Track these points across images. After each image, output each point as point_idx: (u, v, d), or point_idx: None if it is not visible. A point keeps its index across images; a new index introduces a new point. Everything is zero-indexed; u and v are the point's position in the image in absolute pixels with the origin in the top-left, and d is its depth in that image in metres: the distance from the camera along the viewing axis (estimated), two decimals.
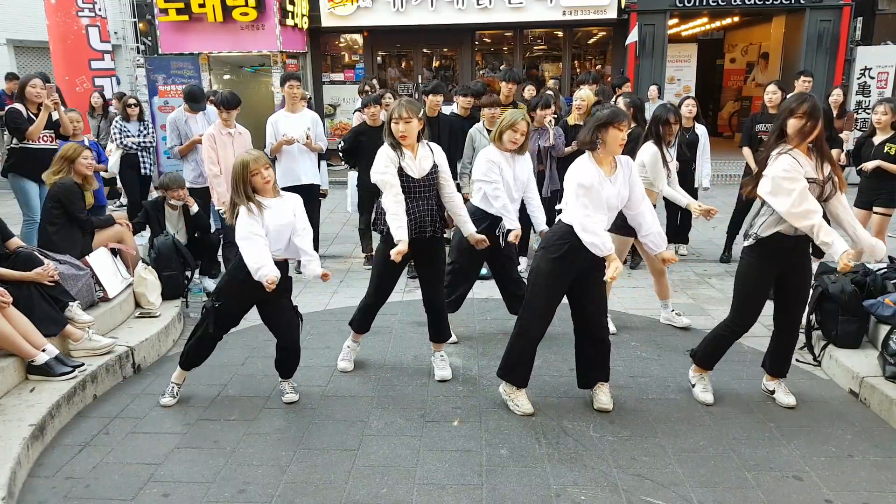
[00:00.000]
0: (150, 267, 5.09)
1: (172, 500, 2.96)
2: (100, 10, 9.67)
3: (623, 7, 11.62)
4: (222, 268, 6.17)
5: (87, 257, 4.70)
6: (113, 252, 5.02)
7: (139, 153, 7.50)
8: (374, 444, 3.39)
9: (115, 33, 11.70)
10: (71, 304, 4.17)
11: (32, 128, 5.56)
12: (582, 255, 3.38)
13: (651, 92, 9.16)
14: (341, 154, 6.55)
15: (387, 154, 3.73)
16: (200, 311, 3.76)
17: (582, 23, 12.45)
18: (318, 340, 4.68)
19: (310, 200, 5.48)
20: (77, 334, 4.04)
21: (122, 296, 4.80)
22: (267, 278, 3.36)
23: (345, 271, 6.52)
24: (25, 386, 3.71)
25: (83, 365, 3.90)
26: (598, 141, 3.36)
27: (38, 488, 3.06)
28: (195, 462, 3.25)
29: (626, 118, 3.37)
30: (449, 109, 7.21)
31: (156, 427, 3.59)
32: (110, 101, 9.43)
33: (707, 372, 3.85)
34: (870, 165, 5.49)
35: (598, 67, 13.15)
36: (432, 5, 11.88)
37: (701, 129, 6.44)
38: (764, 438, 3.41)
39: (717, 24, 14.43)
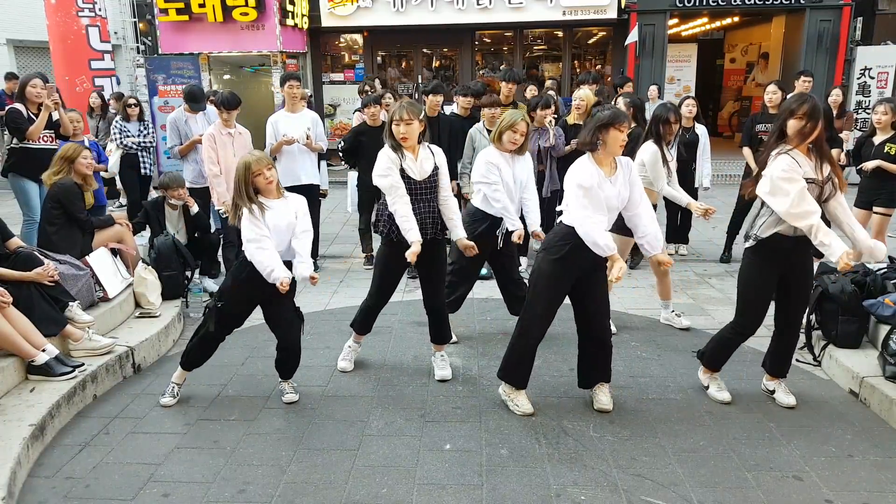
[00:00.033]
0: (150, 267, 5.09)
1: (172, 500, 2.96)
2: (100, 10, 9.67)
3: (623, 7, 11.62)
4: (222, 268, 6.18)
5: (87, 257, 4.70)
6: (113, 252, 5.03)
7: (139, 153, 7.50)
8: (374, 444, 3.39)
9: (115, 33, 11.70)
10: (71, 304, 4.18)
11: (33, 128, 5.56)
12: (583, 256, 3.38)
13: (651, 92, 9.16)
14: (341, 154, 6.56)
15: (388, 156, 3.73)
16: (203, 311, 3.77)
17: (582, 23, 12.45)
18: (318, 340, 4.68)
19: (310, 201, 5.44)
20: (77, 334, 4.04)
21: (122, 296, 4.80)
22: (279, 280, 3.38)
23: (345, 271, 6.52)
24: (25, 386, 3.71)
25: (83, 365, 3.90)
26: (599, 142, 3.36)
27: (38, 488, 3.06)
28: (195, 462, 3.25)
29: (626, 119, 3.38)
30: (449, 109, 7.22)
31: (156, 427, 3.59)
32: (109, 102, 9.43)
33: (716, 373, 3.86)
34: (870, 165, 5.49)
35: (598, 67, 13.15)
36: (432, 5, 11.88)
37: (701, 129, 6.44)
38: (764, 438, 3.41)
39: (717, 24, 14.43)
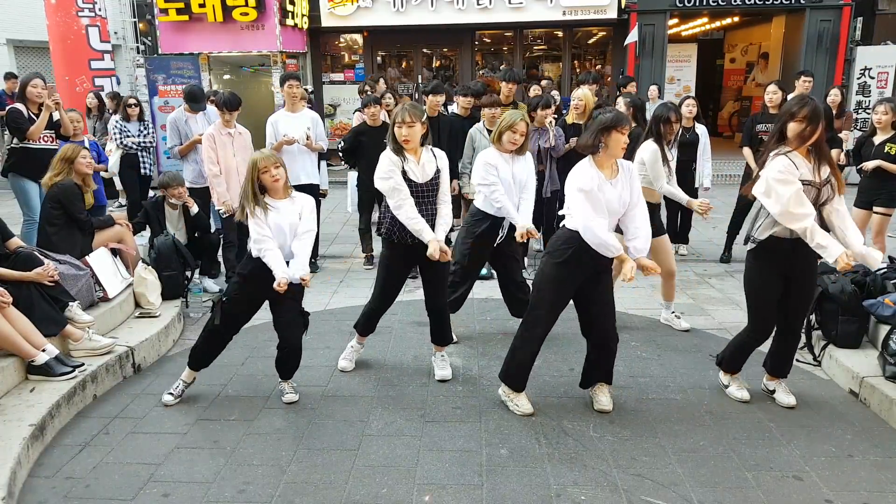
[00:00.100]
0: (150, 267, 5.09)
1: (172, 500, 2.96)
2: (100, 10, 9.67)
3: (623, 7, 11.62)
4: (222, 268, 6.18)
5: (87, 257, 4.70)
6: (113, 252, 5.03)
7: (139, 153, 7.50)
8: (374, 444, 3.39)
9: (115, 33, 11.70)
10: (71, 304, 4.17)
11: (33, 128, 5.56)
12: (587, 259, 3.37)
13: (651, 92, 9.15)
14: (341, 154, 6.56)
15: (390, 159, 3.72)
16: (210, 307, 3.80)
17: (582, 23, 12.45)
18: (318, 340, 4.68)
19: None
20: (77, 334, 4.04)
21: (122, 296, 4.80)
22: (277, 281, 3.42)
23: (345, 271, 6.52)
24: (25, 386, 3.71)
25: (83, 365, 3.90)
26: (601, 145, 3.35)
27: (38, 488, 3.06)
28: (195, 462, 3.25)
29: (627, 122, 3.37)
30: (449, 109, 7.22)
31: (156, 427, 3.59)
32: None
33: (736, 374, 3.85)
34: (870, 165, 5.49)
35: (598, 67, 13.15)
36: (432, 5, 11.88)
37: (701, 128, 6.44)
38: (764, 438, 3.41)
39: (717, 24, 14.43)
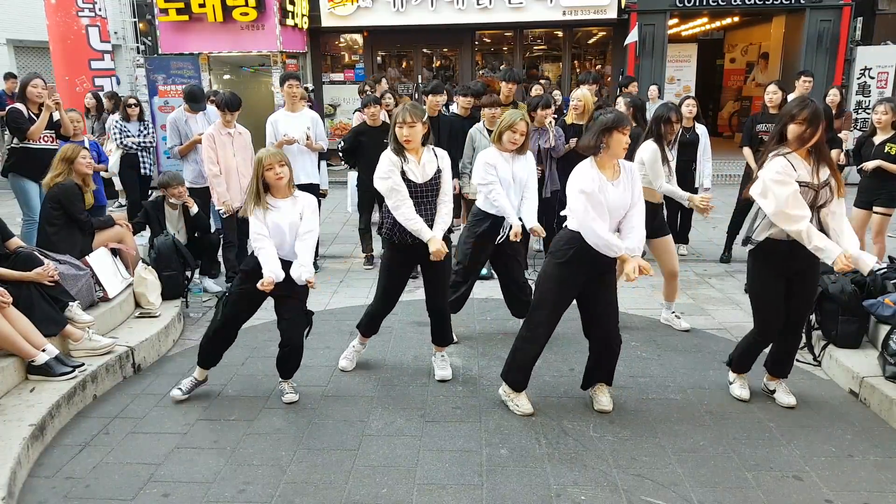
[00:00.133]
0: (150, 267, 5.09)
1: (172, 500, 2.96)
2: (100, 10, 9.66)
3: (623, 7, 11.62)
4: (222, 268, 6.18)
5: (86, 257, 4.70)
6: (113, 252, 5.03)
7: (139, 153, 7.50)
8: (374, 444, 3.39)
9: (115, 33, 11.69)
10: (71, 304, 4.17)
11: (33, 128, 5.56)
12: (588, 259, 3.37)
13: (651, 92, 9.15)
14: (341, 154, 6.56)
15: (389, 159, 3.71)
16: (215, 306, 3.84)
17: (582, 23, 12.45)
18: (318, 340, 4.67)
19: None
20: (77, 334, 4.04)
21: (122, 296, 4.80)
22: (264, 278, 3.43)
23: (345, 271, 6.52)
24: (25, 386, 3.71)
25: (83, 365, 3.90)
26: (602, 145, 3.35)
27: (38, 488, 3.06)
28: (195, 462, 3.25)
29: (628, 122, 3.37)
30: (450, 109, 7.22)
31: (156, 427, 3.59)
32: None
33: (744, 373, 3.86)
34: (870, 165, 5.49)
35: (598, 67, 13.16)
36: (432, 5, 11.88)
37: (701, 128, 6.44)
38: (764, 438, 3.41)
39: (717, 24, 14.43)
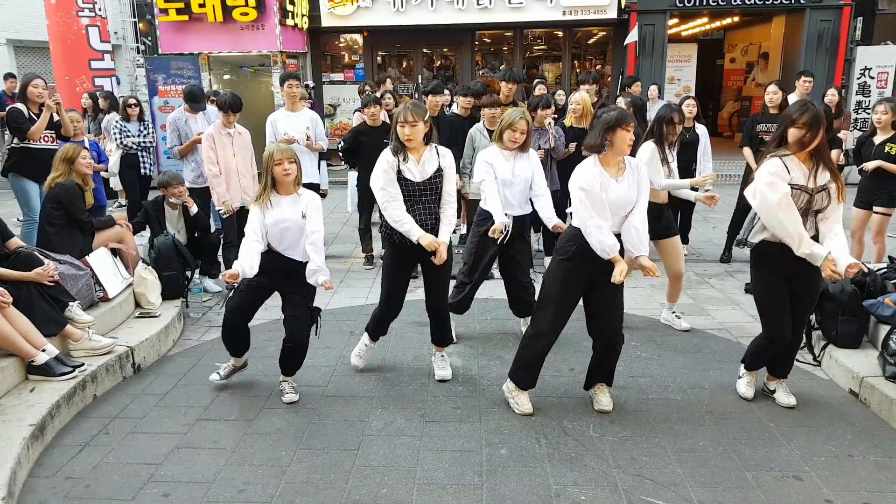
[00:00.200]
0: (150, 267, 5.09)
1: (172, 500, 2.96)
2: (100, 10, 9.67)
3: (623, 7, 11.62)
4: (222, 268, 6.17)
5: (87, 257, 4.70)
6: (113, 252, 5.03)
7: (139, 153, 7.50)
8: (374, 444, 3.39)
9: (115, 33, 11.69)
10: (71, 304, 4.17)
11: (34, 128, 5.56)
12: (592, 257, 3.37)
13: (651, 92, 9.15)
14: (341, 154, 6.56)
15: (387, 160, 3.70)
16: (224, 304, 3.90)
17: (582, 23, 12.45)
18: (318, 340, 4.66)
19: None
20: (77, 334, 4.04)
21: (122, 296, 4.80)
22: (232, 269, 3.49)
23: (345, 271, 6.51)
24: (25, 386, 3.71)
25: (83, 365, 3.90)
26: (607, 143, 3.35)
27: (38, 488, 3.06)
28: (195, 462, 3.25)
29: (632, 119, 3.37)
30: (452, 108, 7.22)
31: (156, 427, 3.59)
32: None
33: (755, 372, 3.86)
34: (870, 166, 5.48)
35: (598, 67, 13.15)
36: (432, 5, 11.87)
37: (701, 128, 6.44)
38: (764, 438, 3.41)
39: (717, 24, 14.43)
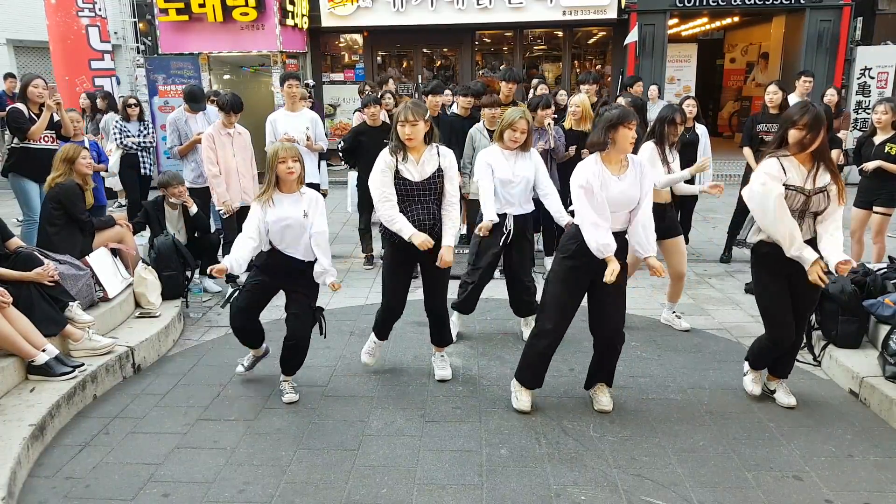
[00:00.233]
0: (150, 267, 5.09)
1: (172, 500, 2.96)
2: (100, 10, 9.66)
3: (623, 7, 11.62)
4: None
5: (87, 257, 4.70)
6: (113, 252, 5.03)
7: (139, 153, 7.49)
8: (374, 444, 3.39)
9: (115, 33, 11.69)
10: (71, 304, 4.17)
11: (34, 128, 5.56)
12: (592, 255, 3.37)
13: (651, 92, 9.14)
14: (341, 154, 6.56)
15: (384, 161, 3.70)
16: (227, 299, 3.92)
17: (582, 23, 12.45)
18: (318, 340, 4.63)
19: None
20: (77, 334, 4.04)
21: (122, 296, 4.80)
22: (219, 265, 3.56)
23: (345, 271, 6.52)
24: (25, 386, 3.71)
25: (83, 365, 3.90)
26: (609, 141, 3.36)
27: (38, 488, 3.06)
28: (195, 462, 3.25)
29: (634, 117, 3.37)
30: (452, 108, 7.22)
31: (156, 427, 3.59)
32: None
33: (761, 371, 3.85)
34: (870, 166, 5.48)
35: (598, 67, 13.15)
36: (432, 5, 11.87)
37: (701, 128, 6.44)
38: (764, 438, 3.41)
39: (717, 24, 14.43)
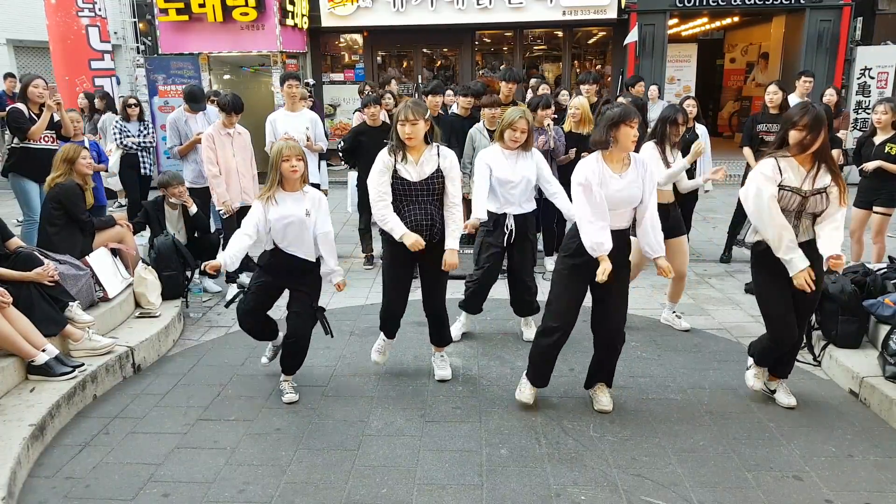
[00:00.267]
0: (150, 267, 5.09)
1: (172, 500, 2.97)
2: (100, 10, 9.66)
3: (623, 7, 11.61)
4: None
5: (87, 257, 4.70)
6: (113, 252, 5.03)
7: (139, 153, 7.50)
8: (374, 444, 3.39)
9: (115, 33, 11.69)
10: (71, 304, 4.17)
11: (34, 128, 5.56)
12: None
13: (651, 92, 9.14)
14: (341, 154, 6.56)
15: (383, 161, 3.70)
16: (233, 299, 3.89)
17: (582, 23, 12.44)
18: (318, 340, 4.64)
19: None
20: (77, 334, 4.04)
21: (122, 296, 4.80)
22: (214, 261, 3.58)
23: (345, 271, 6.48)
24: (25, 386, 3.71)
25: (83, 365, 3.90)
26: (611, 140, 3.36)
27: (38, 488, 3.06)
28: (195, 462, 3.25)
29: (636, 115, 3.37)
30: (452, 108, 7.22)
31: (156, 427, 3.59)
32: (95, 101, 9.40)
33: (763, 368, 3.84)
34: (870, 166, 5.48)
35: (598, 67, 13.15)
36: (432, 5, 11.87)
37: (701, 128, 6.44)
38: (764, 438, 3.41)
39: (717, 24, 14.42)
